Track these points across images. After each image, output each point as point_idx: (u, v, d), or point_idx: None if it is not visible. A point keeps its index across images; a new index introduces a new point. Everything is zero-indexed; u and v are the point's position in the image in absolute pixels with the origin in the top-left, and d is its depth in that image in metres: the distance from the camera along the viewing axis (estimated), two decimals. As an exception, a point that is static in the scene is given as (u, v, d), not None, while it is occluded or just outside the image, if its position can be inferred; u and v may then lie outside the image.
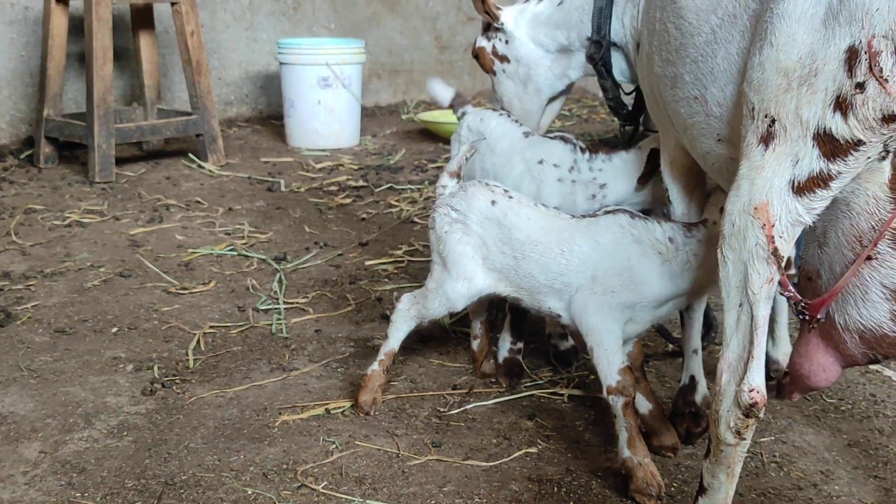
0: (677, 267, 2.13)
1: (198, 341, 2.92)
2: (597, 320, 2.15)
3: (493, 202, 2.33)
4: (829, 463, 2.27)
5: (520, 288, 2.30)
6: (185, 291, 3.34)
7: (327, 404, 2.51)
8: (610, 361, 2.13)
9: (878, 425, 2.46)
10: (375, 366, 2.48)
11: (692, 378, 2.38)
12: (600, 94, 8.40)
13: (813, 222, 1.52)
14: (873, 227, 1.50)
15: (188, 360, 2.79)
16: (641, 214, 2.24)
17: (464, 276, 2.34)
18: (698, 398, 2.37)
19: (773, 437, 2.38)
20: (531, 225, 2.28)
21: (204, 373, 2.71)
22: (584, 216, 2.29)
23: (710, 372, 1.98)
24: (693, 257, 2.13)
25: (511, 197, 2.34)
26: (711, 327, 2.83)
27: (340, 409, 2.49)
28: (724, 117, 1.73)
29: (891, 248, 1.49)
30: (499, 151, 2.68)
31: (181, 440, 2.33)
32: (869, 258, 1.51)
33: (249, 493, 2.10)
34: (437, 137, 6.06)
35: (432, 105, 7.34)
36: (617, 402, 2.12)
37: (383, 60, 7.26)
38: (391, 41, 7.29)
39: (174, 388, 2.61)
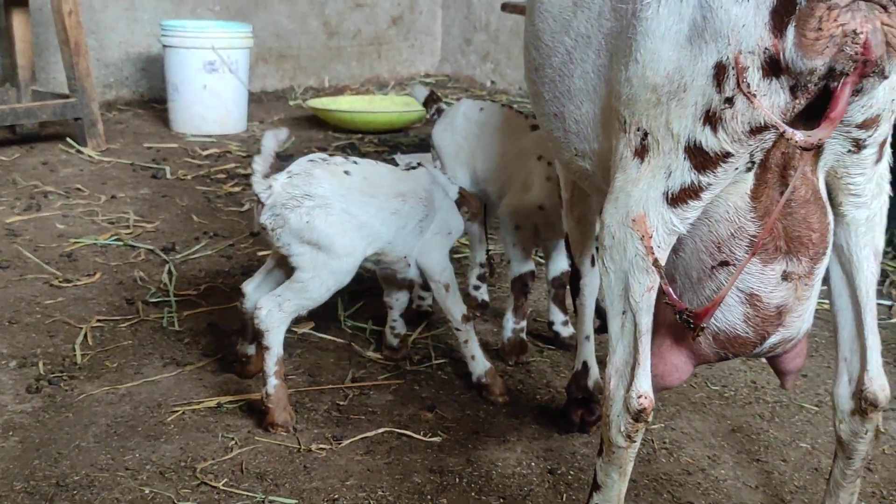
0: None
1: (85, 336, 2.81)
2: (440, 259, 2.53)
3: (347, 172, 2.43)
4: (715, 448, 2.38)
5: (388, 244, 2.48)
6: (69, 284, 3.22)
7: (224, 399, 2.47)
8: (458, 296, 2.55)
9: (758, 411, 2.59)
10: (274, 380, 2.32)
11: (584, 364, 2.45)
12: (488, 84, 8.40)
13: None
14: (732, 235, 1.54)
15: (75, 355, 2.69)
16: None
17: (346, 253, 2.36)
18: (591, 383, 2.44)
19: (662, 424, 2.48)
20: (390, 179, 2.52)
21: (93, 368, 2.62)
22: (404, 169, 2.62)
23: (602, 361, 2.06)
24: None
25: (356, 162, 2.50)
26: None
27: (238, 404, 2.45)
28: (581, 133, 1.78)
29: (747, 254, 1.54)
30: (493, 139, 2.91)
31: (72, 439, 2.25)
32: (726, 264, 1.56)
33: (147, 492, 2.05)
34: (326, 125, 6.01)
35: (321, 91, 7.27)
36: (470, 329, 2.54)
37: (270, 45, 7.14)
38: (278, 25, 7.17)
39: (62, 384, 2.51)
